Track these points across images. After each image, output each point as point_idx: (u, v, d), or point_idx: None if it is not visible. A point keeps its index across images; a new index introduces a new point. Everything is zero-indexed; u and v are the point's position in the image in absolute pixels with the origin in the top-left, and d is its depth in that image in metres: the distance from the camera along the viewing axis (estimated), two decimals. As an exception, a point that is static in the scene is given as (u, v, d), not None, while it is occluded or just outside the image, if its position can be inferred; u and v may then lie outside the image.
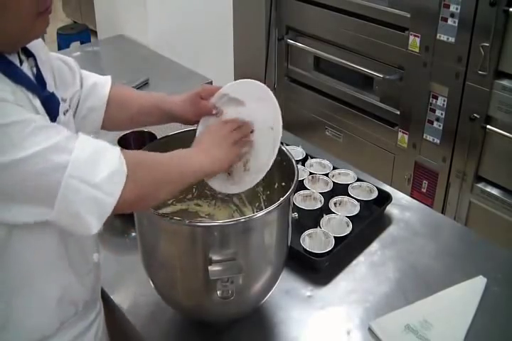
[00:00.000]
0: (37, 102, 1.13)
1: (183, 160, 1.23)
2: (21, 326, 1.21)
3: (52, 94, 1.20)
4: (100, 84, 1.49)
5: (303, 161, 1.97)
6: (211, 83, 2.81)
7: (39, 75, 1.20)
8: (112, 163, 1.06)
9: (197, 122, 1.45)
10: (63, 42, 4.58)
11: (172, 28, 3.33)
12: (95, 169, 1.04)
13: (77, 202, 1.03)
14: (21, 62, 1.16)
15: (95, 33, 3.87)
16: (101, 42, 3.57)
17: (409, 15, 2.64)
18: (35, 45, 1.26)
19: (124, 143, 1.93)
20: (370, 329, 1.44)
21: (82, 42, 4.60)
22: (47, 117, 1.14)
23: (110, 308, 1.52)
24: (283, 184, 1.46)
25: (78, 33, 4.80)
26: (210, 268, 1.21)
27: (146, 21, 3.25)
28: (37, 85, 1.16)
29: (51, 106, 1.18)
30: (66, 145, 1.02)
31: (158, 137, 1.50)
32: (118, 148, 1.09)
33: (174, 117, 1.48)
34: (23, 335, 1.22)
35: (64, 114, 1.26)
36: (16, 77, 1.09)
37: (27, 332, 1.23)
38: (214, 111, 1.43)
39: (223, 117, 1.40)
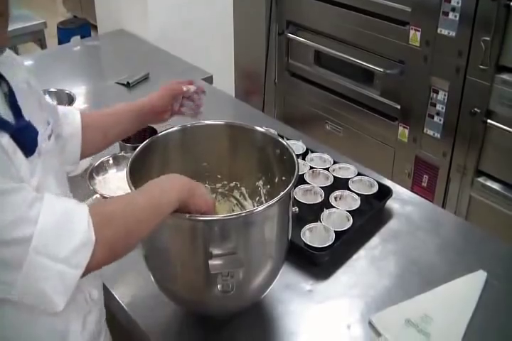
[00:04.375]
0: (3, 139, 1.03)
1: (162, 195, 1.16)
2: None
3: (27, 125, 1.11)
4: (70, 112, 1.47)
5: (303, 155, 1.97)
6: (211, 78, 2.81)
7: (13, 103, 1.11)
8: (79, 232, 0.99)
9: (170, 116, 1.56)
10: (63, 36, 4.57)
11: (172, 22, 3.33)
12: (62, 240, 0.97)
13: (41, 279, 0.96)
14: None
15: (95, 27, 3.87)
16: (101, 36, 3.57)
17: (409, 10, 2.63)
18: (11, 66, 1.18)
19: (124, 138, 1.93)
20: (370, 324, 1.45)
21: (82, 37, 4.58)
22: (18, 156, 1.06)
23: (111, 302, 1.52)
24: (283, 178, 1.46)
25: (78, 28, 4.80)
26: (210, 262, 1.21)
27: (146, 16, 3.25)
28: (2, 120, 1.05)
29: (25, 139, 1.09)
30: (30, 214, 0.95)
31: (158, 132, 1.50)
32: (86, 210, 1.02)
33: (146, 113, 1.52)
34: None
35: (49, 138, 1.20)
36: None
37: None
38: (185, 89, 1.56)
39: None
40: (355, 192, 1.79)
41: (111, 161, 1.94)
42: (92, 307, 1.30)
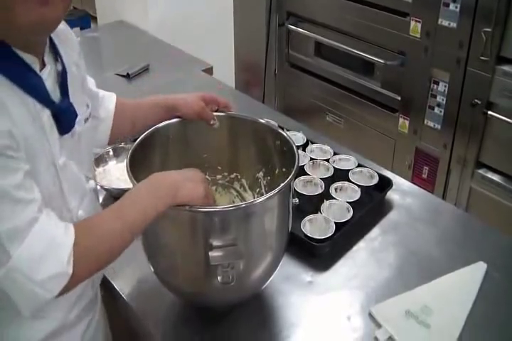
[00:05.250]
0: (45, 115, 1.10)
1: (144, 213, 1.16)
2: None
3: (69, 106, 1.17)
4: (107, 96, 1.51)
5: (303, 147, 1.97)
6: (211, 69, 2.81)
7: (63, 83, 1.17)
8: (59, 264, 1.02)
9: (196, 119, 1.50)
10: (63, 28, 4.56)
11: (172, 13, 3.32)
12: (40, 267, 1.01)
13: (13, 290, 1.02)
14: (44, 65, 1.12)
15: (95, 18, 3.86)
16: (101, 28, 3.56)
17: (410, 0, 2.62)
18: (67, 45, 1.23)
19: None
20: (370, 315, 1.45)
21: (82, 28, 4.57)
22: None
23: (111, 293, 1.52)
24: (284, 169, 1.45)
25: (78, 19, 4.77)
26: (210, 253, 1.21)
27: (146, 7, 3.24)
28: (48, 97, 1.11)
29: (64, 119, 1.15)
30: (21, 232, 0.99)
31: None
32: (71, 240, 1.05)
33: (175, 112, 1.50)
34: None
35: (85, 121, 1.25)
36: (26, 86, 1.05)
37: None
38: (212, 122, 1.51)
39: None
40: (355, 184, 1.79)
41: (111, 153, 1.94)
42: (95, 281, 1.37)
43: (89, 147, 1.35)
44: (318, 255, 1.63)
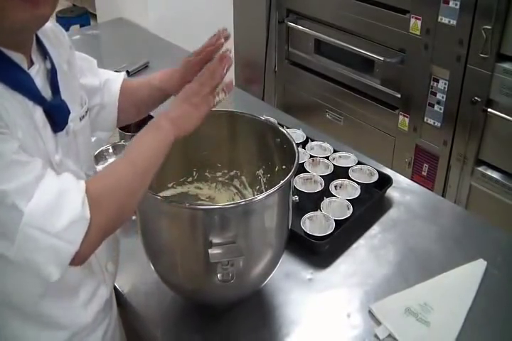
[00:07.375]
0: (37, 112, 1.08)
1: (152, 144, 1.16)
2: None
3: (61, 103, 1.15)
4: (112, 80, 1.49)
5: (303, 144, 1.97)
6: (211, 66, 2.80)
7: (54, 80, 1.15)
8: (73, 209, 0.99)
9: None
10: (62, 25, 4.45)
11: (172, 10, 3.32)
12: (55, 217, 0.97)
13: (34, 250, 0.98)
14: (33, 63, 1.11)
15: (95, 16, 3.86)
16: (101, 25, 3.56)
17: (410, -2, 2.63)
18: (57, 44, 1.23)
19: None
20: (370, 312, 1.45)
21: (81, 26, 4.58)
22: (48, 130, 1.11)
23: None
24: (283, 167, 1.45)
25: (78, 17, 4.78)
26: (210, 251, 1.21)
27: (146, 4, 3.24)
28: (38, 94, 1.10)
29: (57, 116, 1.13)
30: (29, 188, 0.96)
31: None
32: (83, 187, 1.02)
33: (167, 93, 1.48)
34: None
35: (80, 120, 1.25)
36: (14, 83, 1.04)
37: None
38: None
39: None
40: (355, 181, 1.79)
41: (110, 150, 1.94)
42: (107, 280, 1.34)
43: (87, 145, 1.33)
44: (318, 252, 1.63)
